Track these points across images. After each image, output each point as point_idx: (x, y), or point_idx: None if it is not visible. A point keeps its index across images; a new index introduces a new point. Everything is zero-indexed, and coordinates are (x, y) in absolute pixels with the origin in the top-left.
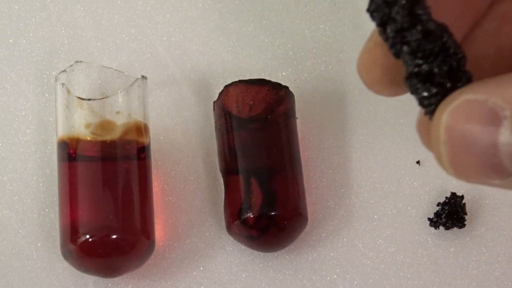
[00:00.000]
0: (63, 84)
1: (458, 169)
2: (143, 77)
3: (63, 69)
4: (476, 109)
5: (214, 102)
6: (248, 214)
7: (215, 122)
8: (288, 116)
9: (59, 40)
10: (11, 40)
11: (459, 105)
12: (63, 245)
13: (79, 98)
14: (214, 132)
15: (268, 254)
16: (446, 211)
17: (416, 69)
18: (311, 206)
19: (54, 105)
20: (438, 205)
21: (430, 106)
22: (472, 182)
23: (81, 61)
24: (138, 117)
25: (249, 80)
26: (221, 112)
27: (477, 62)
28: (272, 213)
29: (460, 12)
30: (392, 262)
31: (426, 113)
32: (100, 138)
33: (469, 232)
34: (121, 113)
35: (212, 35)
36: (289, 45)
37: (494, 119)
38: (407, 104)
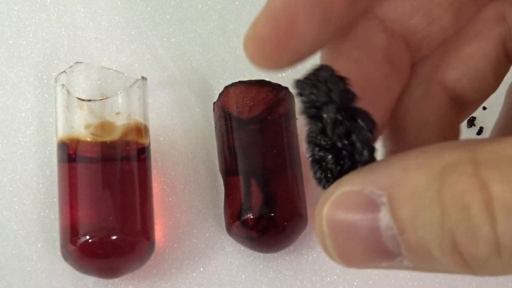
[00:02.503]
0: (63, 85)
1: (345, 259)
2: (143, 78)
3: (63, 70)
4: (354, 200)
5: (214, 103)
6: (248, 215)
7: (215, 123)
8: (288, 117)
9: (59, 41)
10: (11, 41)
11: (337, 198)
12: (63, 246)
13: (79, 99)
14: (214, 133)
15: (268, 255)
16: None
17: (313, 156)
18: (311, 207)
19: (54, 106)
20: None
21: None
22: (362, 268)
23: (81, 62)
24: (138, 118)
25: (249, 81)
26: (221, 113)
27: (416, 129)
28: (272, 214)
29: (386, 80)
30: None
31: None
32: (100, 139)
33: None
34: (121, 114)
35: (212, 36)
36: None
37: (373, 206)
38: None
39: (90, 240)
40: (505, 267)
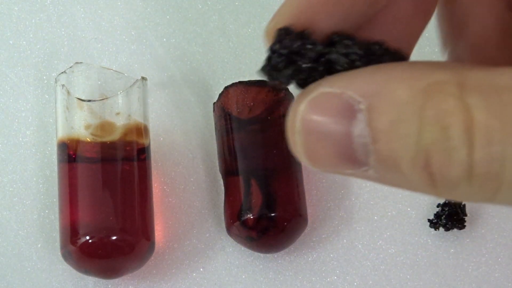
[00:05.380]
0: (63, 85)
1: (312, 159)
2: (143, 78)
3: (63, 70)
4: (332, 102)
5: (214, 103)
6: (248, 215)
7: (215, 123)
8: None
9: (59, 42)
10: (11, 42)
11: (315, 97)
12: (63, 247)
13: (79, 99)
14: (214, 133)
15: (268, 255)
16: (446, 212)
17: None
18: (311, 207)
19: (54, 106)
20: (438, 206)
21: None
22: (325, 171)
23: (81, 62)
24: (138, 118)
25: (249, 81)
26: (221, 113)
27: (476, 35)
28: (272, 214)
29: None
30: (392, 263)
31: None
32: (100, 139)
33: (469, 233)
34: (121, 114)
35: (212, 36)
36: None
37: (349, 111)
38: None
39: (90, 241)
40: (473, 193)
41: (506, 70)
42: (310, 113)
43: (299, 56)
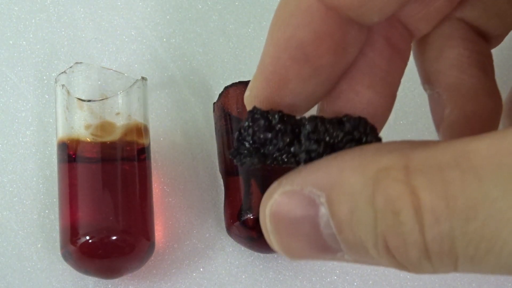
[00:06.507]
0: (63, 85)
1: (289, 253)
2: (143, 78)
3: (63, 70)
4: (295, 199)
5: (214, 103)
6: (248, 215)
7: (215, 123)
8: None
9: (59, 41)
10: (11, 42)
11: (279, 197)
12: (63, 247)
13: (79, 99)
14: (214, 133)
15: (268, 255)
16: None
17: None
18: None
19: (54, 106)
20: None
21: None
22: (308, 260)
23: (81, 62)
24: (138, 118)
25: (249, 81)
26: (221, 113)
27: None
28: None
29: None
30: None
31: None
32: (100, 139)
33: None
34: (121, 114)
35: (212, 36)
36: None
37: (312, 205)
38: (407, 105)
39: (90, 241)
40: (436, 268)
41: (448, 146)
42: (277, 212)
43: (265, 145)
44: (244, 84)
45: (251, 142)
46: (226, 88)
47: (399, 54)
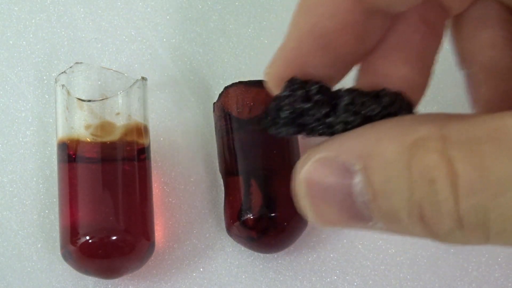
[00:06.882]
0: (63, 86)
1: (321, 220)
2: (143, 78)
3: (63, 71)
4: (330, 166)
5: (214, 103)
6: (248, 216)
7: (215, 124)
8: None
9: (59, 42)
10: (11, 42)
11: (313, 163)
12: (63, 247)
13: (79, 99)
14: (214, 134)
15: (268, 255)
16: None
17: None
18: None
19: (54, 107)
20: None
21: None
22: (338, 228)
23: (81, 62)
24: (138, 118)
25: (249, 81)
26: (221, 114)
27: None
28: (272, 215)
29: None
30: (392, 263)
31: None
32: (100, 140)
33: None
34: (121, 114)
35: (212, 36)
36: None
37: (347, 173)
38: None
39: (90, 241)
40: (468, 239)
41: (485, 120)
42: (311, 178)
43: (302, 115)
44: (244, 84)
45: (289, 112)
46: (226, 88)
47: (434, 31)
